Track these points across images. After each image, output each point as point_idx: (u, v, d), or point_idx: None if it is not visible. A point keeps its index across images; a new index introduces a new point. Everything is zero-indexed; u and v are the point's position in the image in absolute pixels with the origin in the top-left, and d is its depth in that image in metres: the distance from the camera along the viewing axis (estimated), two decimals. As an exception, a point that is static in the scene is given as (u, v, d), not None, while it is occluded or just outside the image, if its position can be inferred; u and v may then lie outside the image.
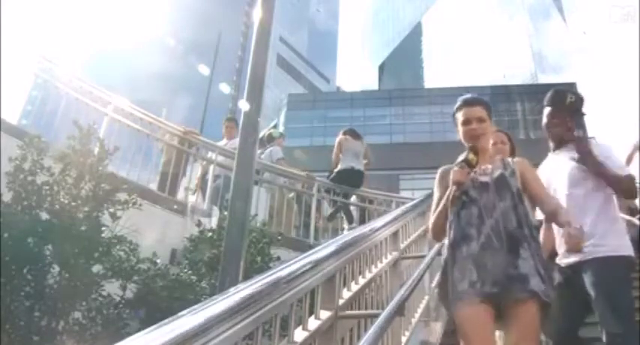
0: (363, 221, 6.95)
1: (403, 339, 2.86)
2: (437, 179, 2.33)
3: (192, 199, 6.49)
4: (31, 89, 5.89)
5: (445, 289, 2.11)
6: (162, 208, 5.66)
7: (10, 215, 3.44)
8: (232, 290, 1.43)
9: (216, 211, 5.83)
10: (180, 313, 1.21)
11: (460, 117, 2.27)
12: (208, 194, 6.24)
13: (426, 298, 3.55)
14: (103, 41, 51.77)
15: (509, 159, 2.33)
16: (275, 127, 33.04)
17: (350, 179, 7.06)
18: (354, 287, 2.45)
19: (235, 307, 1.33)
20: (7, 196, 3.57)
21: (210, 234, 4.83)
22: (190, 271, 4.41)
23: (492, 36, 72.36)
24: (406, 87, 56.11)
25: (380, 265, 2.86)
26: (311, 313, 2.01)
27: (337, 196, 7.12)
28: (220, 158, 6.32)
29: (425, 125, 34.81)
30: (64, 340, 3.33)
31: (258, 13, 3.67)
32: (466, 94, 2.36)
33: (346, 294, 2.33)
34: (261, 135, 6.08)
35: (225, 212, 3.97)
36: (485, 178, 2.18)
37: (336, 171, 7.10)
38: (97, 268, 3.63)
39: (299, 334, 1.85)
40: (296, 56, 70.91)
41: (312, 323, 1.97)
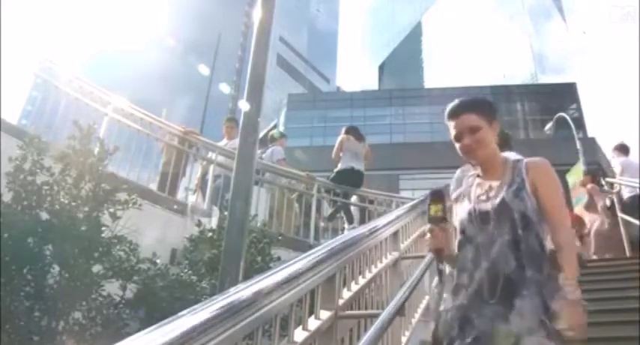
0: (363, 221, 6.95)
1: (403, 339, 2.86)
2: (452, 186, 2.14)
3: (192, 199, 6.49)
4: (31, 89, 5.89)
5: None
6: (162, 208, 5.66)
7: (10, 215, 3.43)
8: (232, 290, 1.43)
9: (216, 211, 5.82)
10: (180, 313, 1.21)
11: (451, 130, 1.84)
12: (208, 194, 6.24)
13: (426, 298, 3.55)
14: (103, 41, 51.78)
15: (524, 162, 1.80)
16: (275, 127, 33.03)
17: (350, 179, 7.06)
18: (354, 287, 2.45)
19: (235, 307, 1.33)
20: (7, 196, 3.56)
21: (210, 234, 4.83)
22: (190, 271, 4.41)
23: (492, 36, 72.31)
24: (406, 87, 56.03)
25: (380, 265, 2.86)
26: (311, 313, 2.01)
27: (337, 196, 7.12)
28: (220, 158, 6.32)
29: (425, 125, 34.76)
30: (64, 340, 3.33)
31: (258, 13, 3.67)
32: (453, 102, 1.87)
33: (346, 294, 2.33)
34: (262, 135, 6.08)
35: (225, 212, 3.97)
36: (486, 207, 1.75)
37: (336, 171, 7.10)
38: (97, 268, 3.63)
39: (299, 334, 1.85)
40: (296, 56, 70.92)
41: (312, 323, 1.97)
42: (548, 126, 19.89)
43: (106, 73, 31.78)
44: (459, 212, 1.83)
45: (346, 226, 7.12)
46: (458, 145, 1.82)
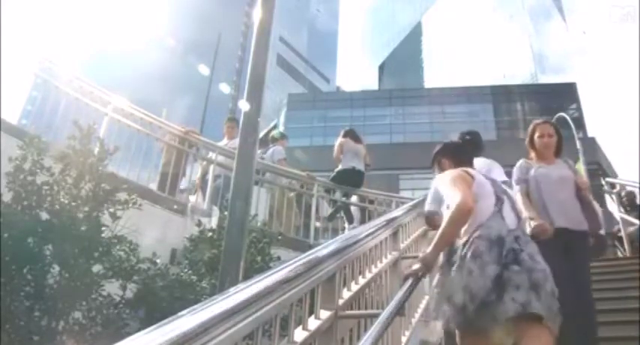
0: (363, 221, 6.95)
1: (403, 339, 2.86)
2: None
3: (192, 199, 6.49)
4: (31, 89, 5.89)
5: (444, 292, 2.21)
6: (162, 208, 5.66)
7: (10, 215, 3.43)
8: (232, 290, 1.43)
9: (216, 211, 5.82)
10: (180, 313, 1.20)
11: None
12: (208, 194, 6.24)
13: (426, 298, 3.55)
14: (103, 41, 51.78)
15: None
16: (275, 127, 33.04)
17: (350, 179, 7.07)
18: (354, 287, 2.44)
19: (235, 307, 1.33)
20: (7, 196, 3.56)
21: (210, 234, 4.83)
22: (190, 271, 4.40)
23: (492, 36, 72.31)
24: (406, 87, 56.02)
25: (380, 264, 2.86)
26: (311, 313, 2.01)
27: (337, 195, 7.14)
28: (220, 158, 6.32)
29: (425, 125, 34.74)
30: (64, 340, 3.33)
31: (258, 13, 3.67)
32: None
33: (346, 294, 2.33)
34: (262, 135, 6.09)
35: (225, 212, 3.97)
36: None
37: (336, 170, 7.13)
38: (97, 268, 3.63)
39: (299, 334, 1.85)
40: (296, 56, 70.93)
41: (312, 323, 1.96)
42: (548, 126, 19.83)
43: (106, 73, 31.77)
44: None
45: (346, 226, 7.12)
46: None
